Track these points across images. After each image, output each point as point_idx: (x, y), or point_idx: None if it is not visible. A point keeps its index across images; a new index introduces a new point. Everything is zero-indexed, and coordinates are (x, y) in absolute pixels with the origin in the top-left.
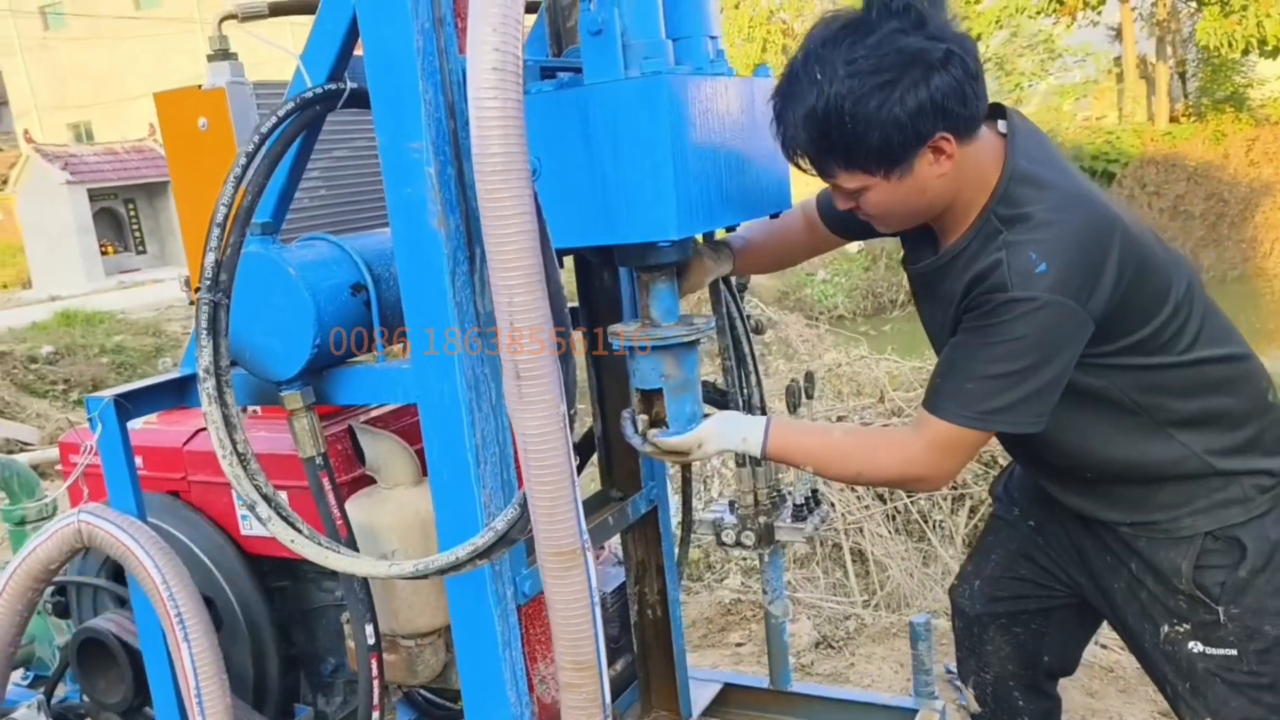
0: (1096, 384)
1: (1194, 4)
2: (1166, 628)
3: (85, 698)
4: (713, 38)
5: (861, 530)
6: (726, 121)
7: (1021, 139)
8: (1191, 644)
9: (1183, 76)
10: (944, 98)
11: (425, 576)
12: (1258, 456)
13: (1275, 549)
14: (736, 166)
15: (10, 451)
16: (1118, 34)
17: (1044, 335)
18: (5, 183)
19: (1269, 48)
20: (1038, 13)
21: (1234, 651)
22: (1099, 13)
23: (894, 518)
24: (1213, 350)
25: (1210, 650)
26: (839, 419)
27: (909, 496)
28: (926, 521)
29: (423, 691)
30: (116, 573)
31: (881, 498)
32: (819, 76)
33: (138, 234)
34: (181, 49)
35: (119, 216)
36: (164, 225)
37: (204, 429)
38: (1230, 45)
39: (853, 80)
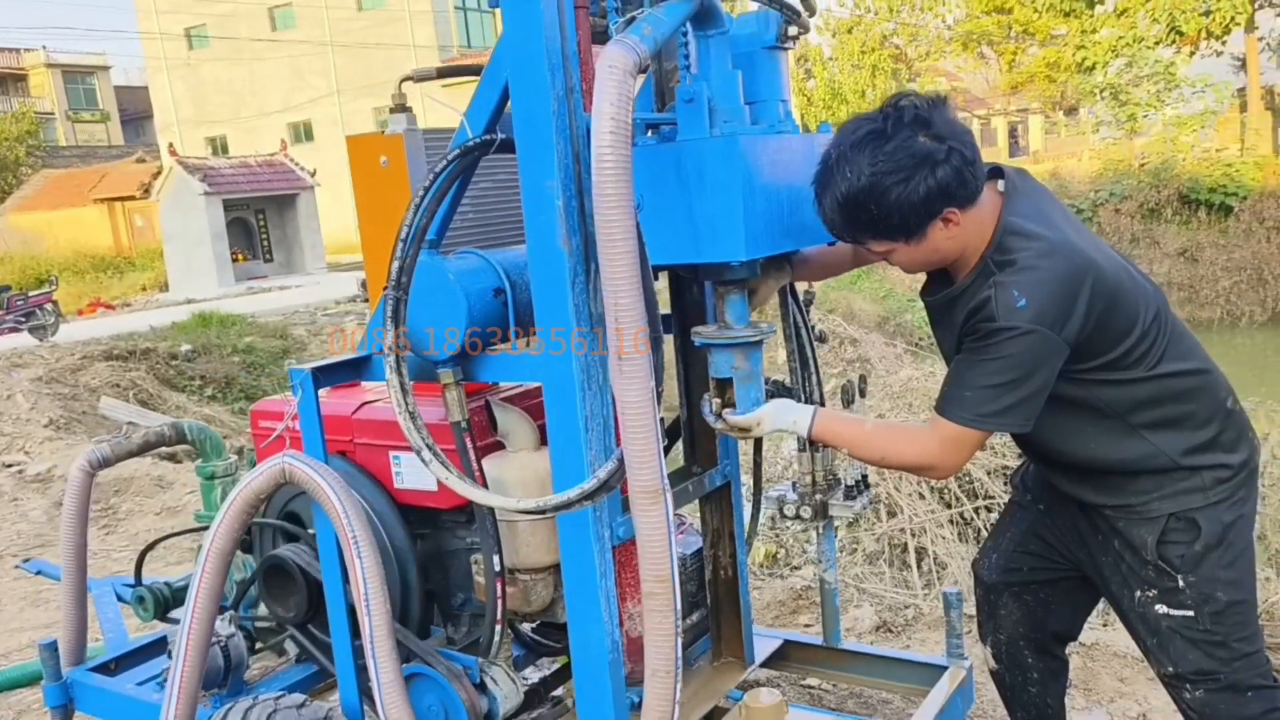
0: (1079, 394)
1: None
2: (1139, 593)
3: (269, 611)
4: (783, 101)
5: (925, 531)
6: (789, 170)
7: (1014, 198)
8: (1158, 606)
9: None
10: (948, 184)
11: (544, 513)
12: (1217, 453)
13: (1227, 529)
14: (795, 205)
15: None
16: (1242, 64)
17: (1025, 356)
18: (148, 192)
19: None
20: (1156, 43)
21: (1191, 613)
22: (1223, 42)
23: (955, 521)
24: (1178, 366)
25: (1173, 612)
26: None
27: (970, 502)
28: (985, 527)
29: (530, 632)
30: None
31: (947, 503)
32: (849, 174)
33: (266, 243)
34: (313, 69)
35: (250, 226)
36: (291, 235)
37: (369, 402)
38: None
39: (875, 178)
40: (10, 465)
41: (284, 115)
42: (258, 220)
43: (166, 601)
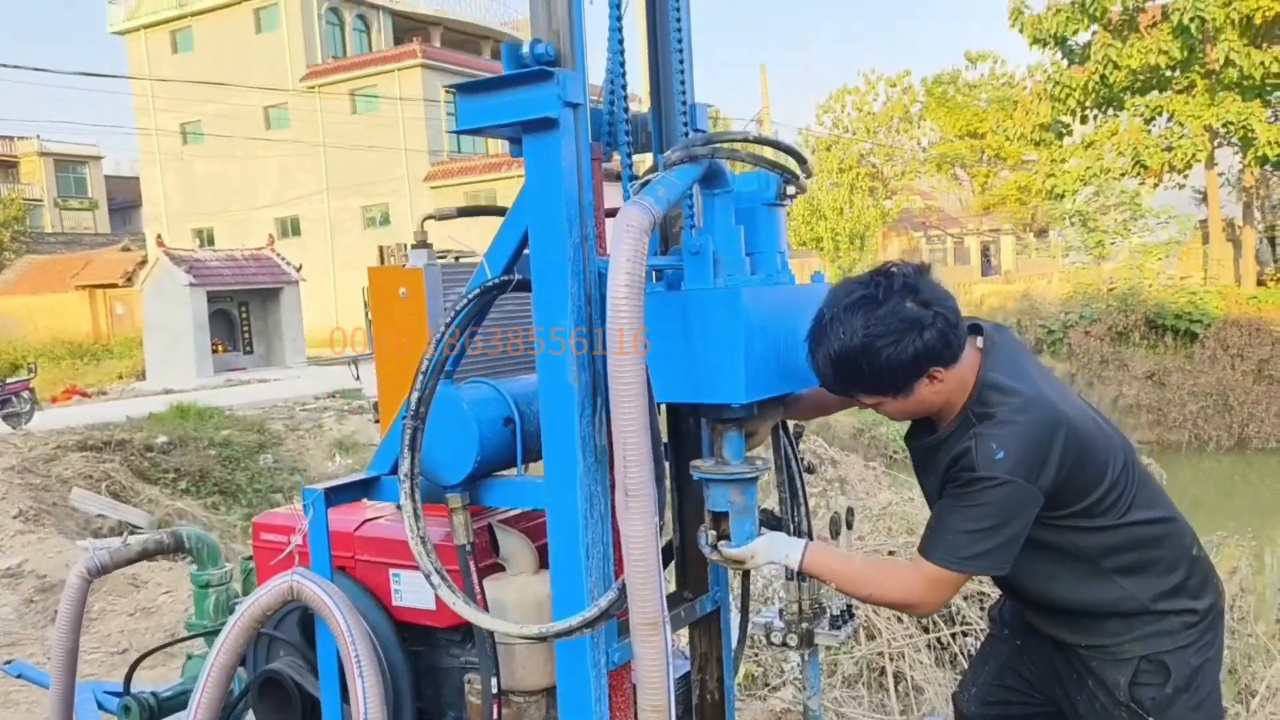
0: (1053, 539)
1: None
2: None
3: None
4: (780, 252)
5: (903, 655)
6: (786, 317)
7: (992, 354)
8: None
9: (1272, 241)
10: (934, 346)
11: (545, 639)
12: (1184, 598)
13: (1195, 673)
14: (791, 350)
15: (122, 534)
16: (1204, 197)
17: (1002, 504)
18: (131, 280)
19: None
20: (1122, 174)
21: None
22: (1185, 176)
23: (933, 646)
24: (1145, 514)
25: None
26: (890, 553)
27: (948, 628)
28: (963, 652)
29: None
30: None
31: (925, 628)
32: (843, 334)
33: (247, 335)
34: (304, 167)
35: (232, 318)
36: (272, 328)
37: (370, 519)
38: None
39: (868, 339)
40: None
41: (272, 210)
42: (240, 312)
43: (153, 712)
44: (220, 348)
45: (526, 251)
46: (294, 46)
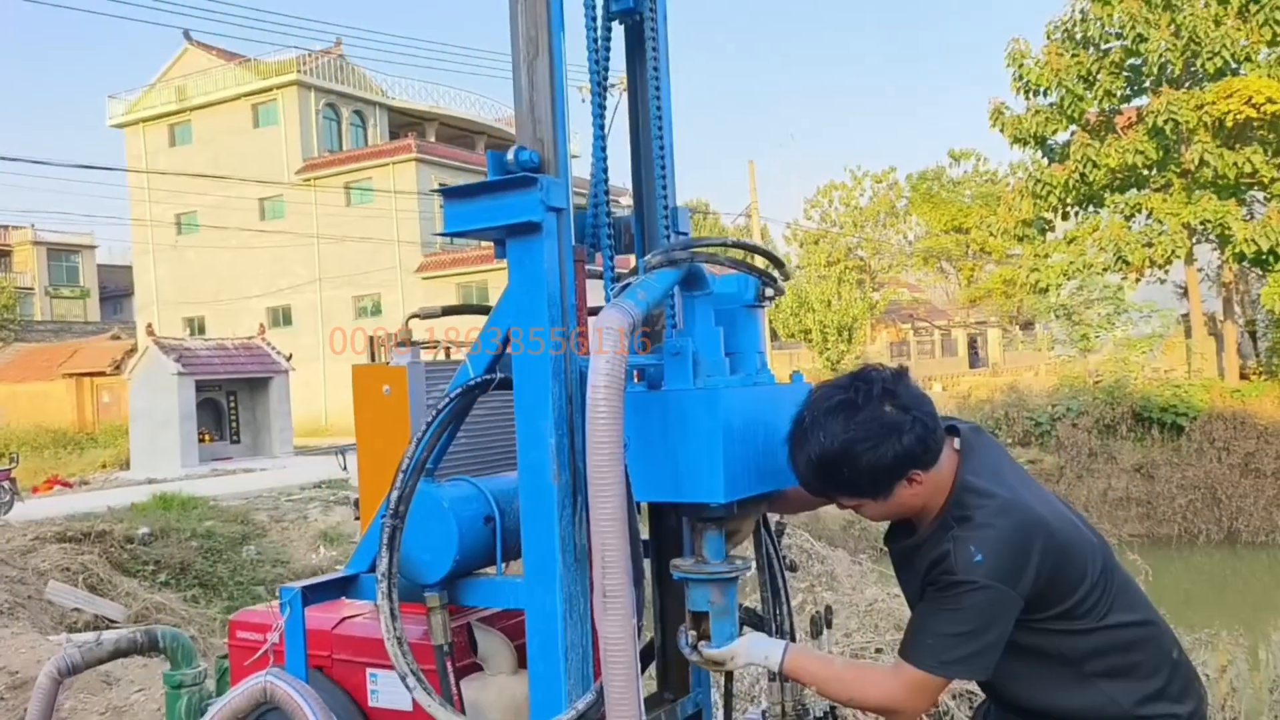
0: (1034, 642)
1: (1259, 270)
2: None
3: None
4: (759, 352)
5: None
6: (765, 417)
7: (969, 456)
8: None
9: (1253, 335)
10: (913, 450)
11: None
12: (1166, 703)
13: None
14: (771, 449)
15: (97, 628)
16: (1185, 292)
17: (983, 608)
18: (119, 369)
19: None
20: (1104, 269)
21: None
22: (1166, 271)
23: None
24: (1125, 617)
25: None
26: (877, 650)
27: None
28: None
29: None
30: None
31: None
32: (823, 439)
33: (234, 424)
34: (296, 257)
35: (220, 407)
36: (260, 418)
37: (348, 618)
38: None
39: (848, 444)
40: None
41: (264, 299)
42: (229, 401)
43: None
44: (207, 437)
45: (509, 351)
46: (291, 140)
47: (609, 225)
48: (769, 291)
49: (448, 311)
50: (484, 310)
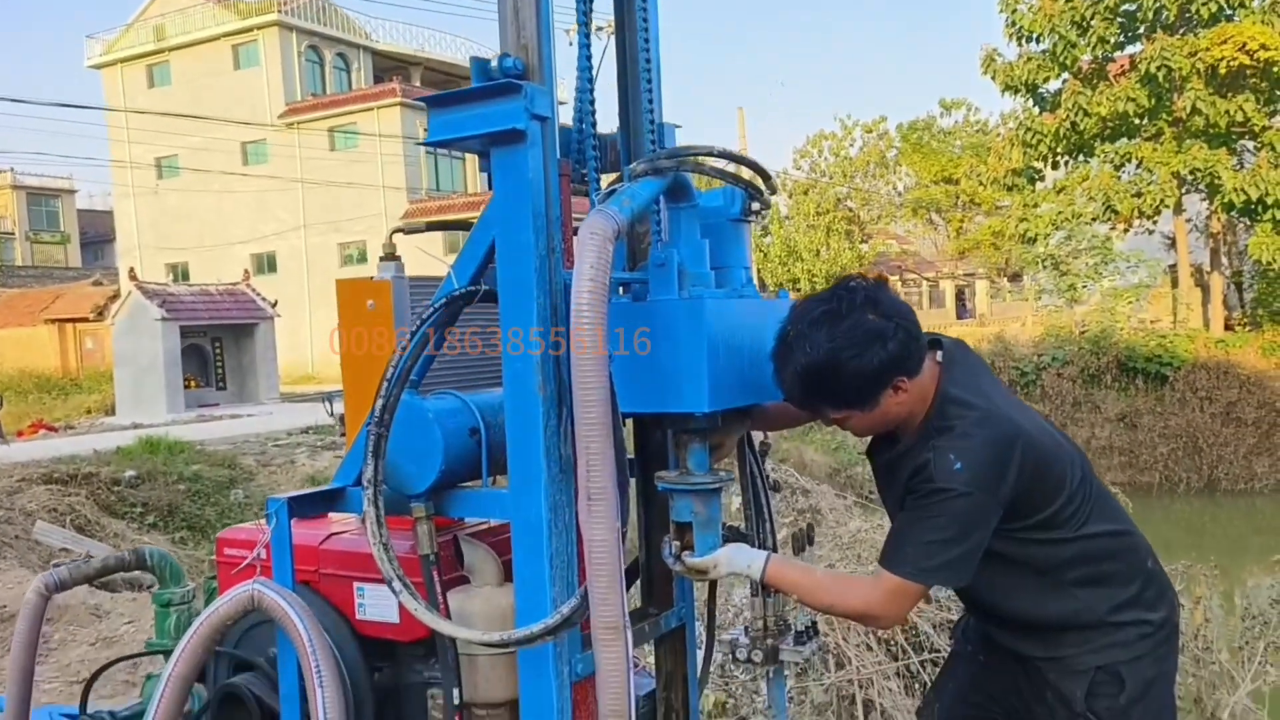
0: (1012, 551)
1: (1247, 220)
2: None
3: None
4: (745, 268)
5: (873, 683)
6: (750, 330)
7: (951, 368)
8: None
9: (1239, 286)
10: (897, 356)
11: (507, 646)
12: (1139, 610)
13: (1149, 684)
14: (755, 362)
15: None
16: (1173, 243)
17: (961, 515)
18: (101, 315)
19: None
20: (1093, 219)
21: None
22: (1154, 222)
23: (902, 674)
24: (1103, 526)
25: None
26: None
27: (916, 655)
28: (931, 680)
29: None
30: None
31: (894, 655)
32: (808, 349)
33: (220, 371)
34: (280, 203)
35: (205, 353)
36: (246, 365)
37: (335, 534)
38: None
39: (833, 353)
40: None
41: (248, 245)
42: (214, 348)
43: None
44: (192, 383)
45: (493, 264)
46: (273, 83)
47: (594, 141)
48: (755, 206)
49: (432, 227)
50: (468, 226)
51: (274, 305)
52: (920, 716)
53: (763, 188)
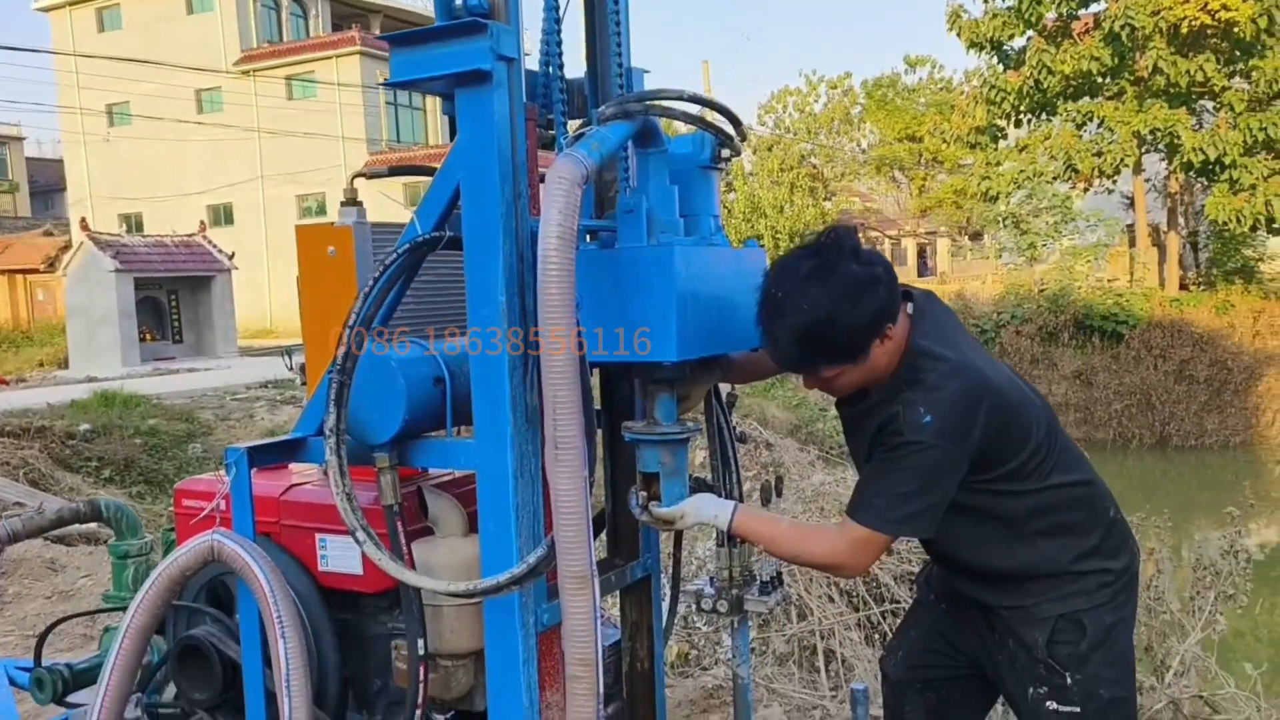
0: (977, 503)
1: (1205, 180)
2: (1032, 690)
3: (180, 694)
4: (714, 216)
5: (834, 633)
6: (720, 279)
7: (921, 320)
8: (1049, 703)
9: (1194, 246)
10: (886, 303)
11: (472, 596)
12: (1101, 559)
13: (1109, 630)
14: (725, 312)
15: None
16: (1131, 203)
17: (929, 468)
18: (53, 266)
19: (1276, 225)
20: (1054, 178)
21: (1078, 709)
22: (1114, 181)
23: (863, 625)
24: (1066, 477)
25: (1061, 708)
26: None
27: (877, 606)
28: (891, 630)
29: None
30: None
31: (855, 606)
32: (806, 306)
33: (177, 324)
34: (237, 153)
35: (161, 306)
36: (203, 318)
37: (296, 485)
38: (1238, 222)
39: (834, 306)
40: None
41: (203, 197)
42: (170, 300)
43: (67, 684)
44: (148, 336)
45: (458, 210)
46: (228, 29)
47: (561, 85)
48: (725, 153)
49: (395, 171)
50: (432, 172)
51: (231, 258)
52: (883, 664)
53: (733, 134)
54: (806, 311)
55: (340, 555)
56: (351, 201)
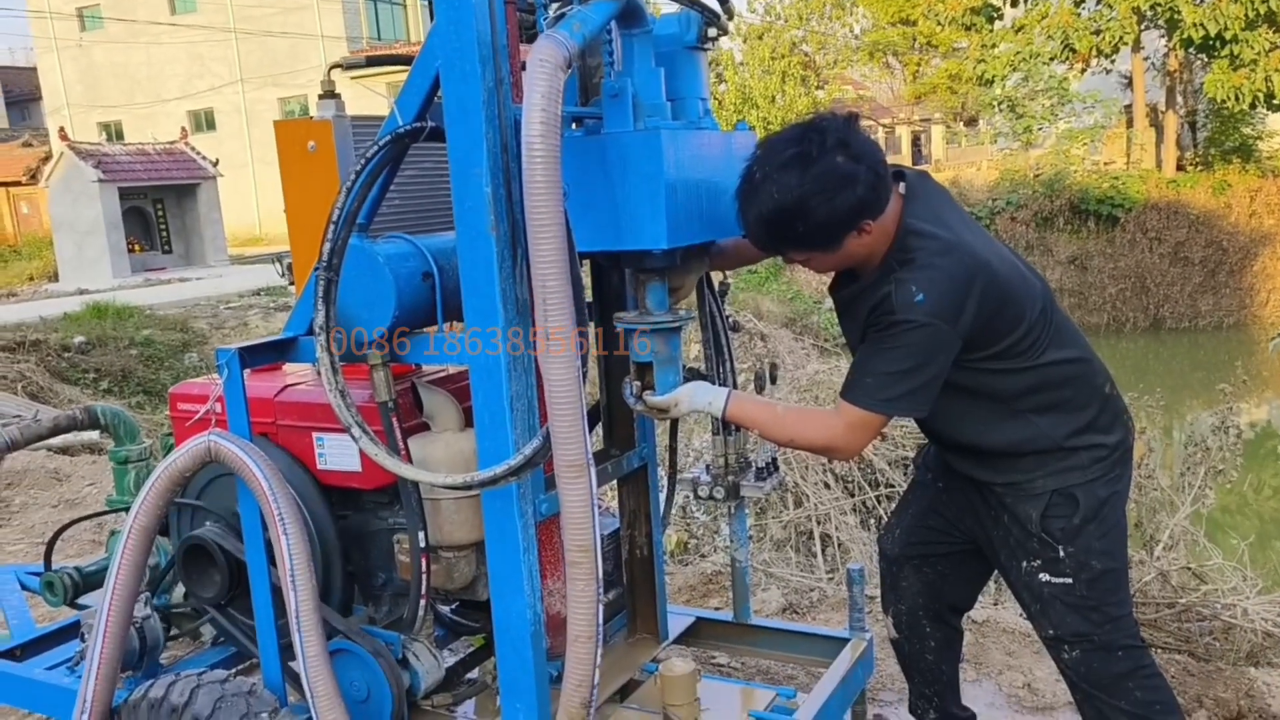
0: (970, 382)
1: (1204, 57)
2: (1025, 563)
3: (188, 593)
4: (702, 99)
5: (830, 518)
6: (709, 164)
7: (914, 201)
8: (1041, 575)
9: (1193, 126)
10: (865, 200)
11: (470, 488)
12: (1095, 434)
13: (1102, 504)
14: (714, 197)
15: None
16: (1129, 82)
17: (921, 346)
18: (35, 178)
19: (1276, 102)
20: (1051, 58)
21: (1070, 580)
22: (1112, 61)
23: (858, 509)
24: (1060, 354)
25: (1054, 579)
26: None
27: (872, 491)
28: (886, 514)
29: (450, 613)
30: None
31: (850, 492)
32: (776, 194)
33: (164, 233)
34: (215, 56)
35: (147, 216)
36: (191, 226)
37: (290, 385)
38: (1238, 99)
39: (803, 198)
40: None
41: (184, 102)
42: (156, 210)
43: (76, 586)
44: (137, 247)
45: (439, 99)
46: None
47: None
48: (711, 31)
49: (373, 62)
50: (409, 62)
51: (215, 164)
52: (881, 543)
53: (719, 11)
54: (776, 199)
55: (338, 453)
56: (329, 94)
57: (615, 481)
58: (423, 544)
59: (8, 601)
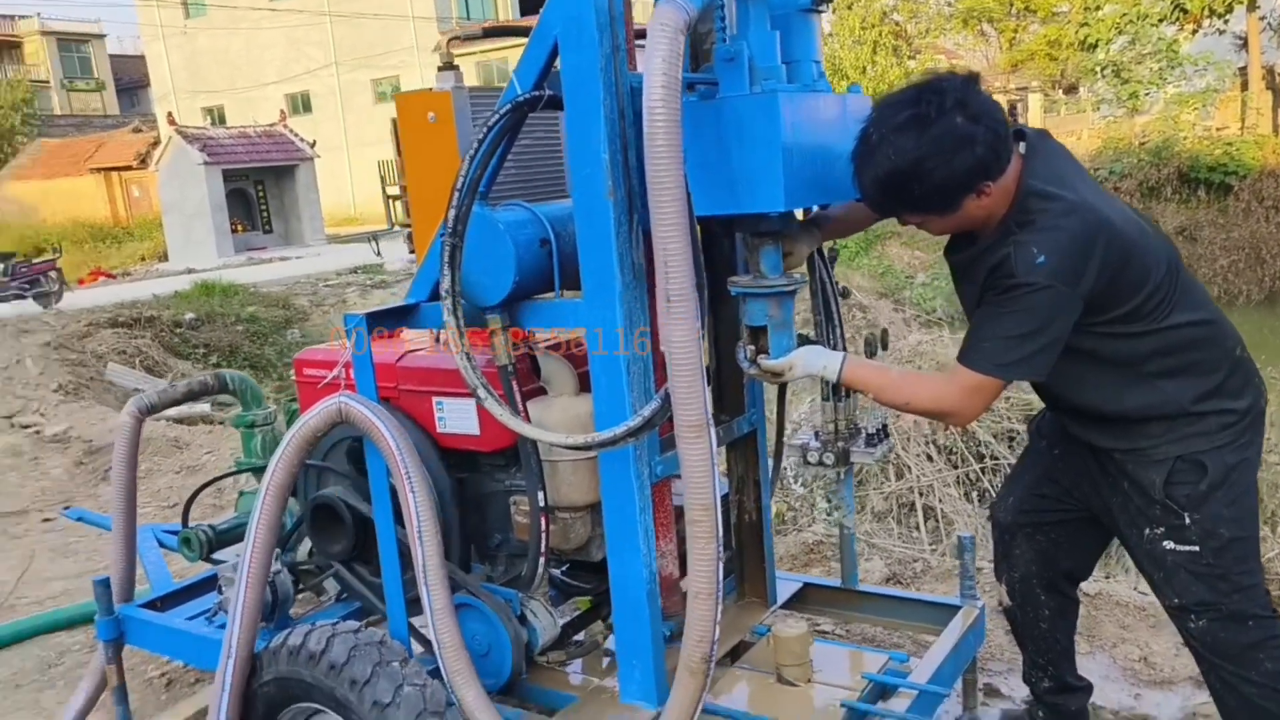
0: (1093, 346)
1: None
2: (1148, 531)
3: (316, 549)
4: (816, 62)
5: (932, 490)
6: (823, 127)
7: (1034, 160)
8: (1165, 543)
9: None
10: (985, 162)
11: (590, 448)
12: (1223, 399)
13: (1230, 470)
14: (829, 161)
15: None
16: (1244, 44)
17: (1042, 309)
18: (145, 162)
19: None
20: (1160, 19)
21: (1196, 548)
22: (1226, 21)
23: (961, 481)
24: (1187, 316)
25: (1179, 547)
26: None
27: (976, 463)
28: (991, 487)
29: (561, 575)
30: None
31: (953, 464)
32: (892, 155)
33: (265, 214)
34: (311, 40)
35: (249, 197)
36: (289, 206)
37: (412, 351)
38: None
39: (920, 160)
40: (27, 426)
41: (281, 86)
42: (257, 191)
43: (211, 543)
44: (239, 227)
45: (557, 69)
46: None
47: None
48: None
49: (489, 33)
50: (525, 32)
51: (312, 145)
52: (993, 510)
53: None
54: (892, 160)
55: (458, 416)
56: (448, 66)
57: (724, 447)
58: (542, 503)
59: (148, 558)
